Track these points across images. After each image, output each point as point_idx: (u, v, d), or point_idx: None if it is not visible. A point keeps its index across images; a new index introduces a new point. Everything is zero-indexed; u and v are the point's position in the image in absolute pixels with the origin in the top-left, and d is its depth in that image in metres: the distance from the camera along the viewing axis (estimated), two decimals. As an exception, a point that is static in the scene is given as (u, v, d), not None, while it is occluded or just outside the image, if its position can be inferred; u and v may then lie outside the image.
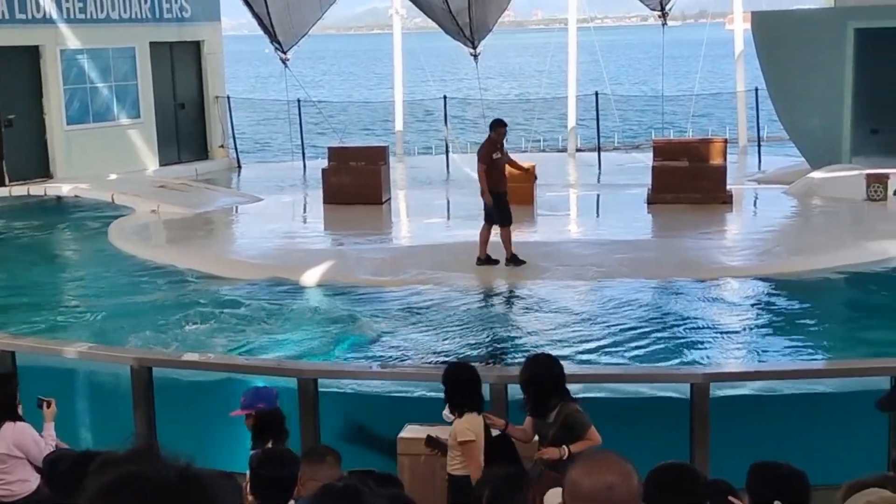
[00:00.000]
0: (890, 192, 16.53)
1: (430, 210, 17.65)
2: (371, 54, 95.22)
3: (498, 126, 13.01)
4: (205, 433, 7.73)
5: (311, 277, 12.98)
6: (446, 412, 6.18)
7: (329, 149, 19.17)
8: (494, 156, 12.86)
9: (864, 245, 13.65)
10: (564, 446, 5.69)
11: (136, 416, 7.75)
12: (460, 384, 6.07)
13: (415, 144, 28.29)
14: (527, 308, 11.75)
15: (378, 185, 17.68)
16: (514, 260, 12.76)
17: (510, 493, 3.92)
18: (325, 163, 18.60)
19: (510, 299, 12.07)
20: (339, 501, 2.50)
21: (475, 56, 23.62)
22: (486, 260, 12.87)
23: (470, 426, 5.95)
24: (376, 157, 18.14)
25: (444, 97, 24.93)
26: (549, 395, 5.88)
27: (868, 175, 16.74)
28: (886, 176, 16.65)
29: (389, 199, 18.12)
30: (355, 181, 17.61)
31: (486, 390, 7.38)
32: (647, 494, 2.73)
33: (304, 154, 24.19)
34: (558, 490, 4.64)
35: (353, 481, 2.69)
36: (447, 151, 24.11)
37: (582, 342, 10.45)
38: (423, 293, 12.22)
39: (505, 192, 12.99)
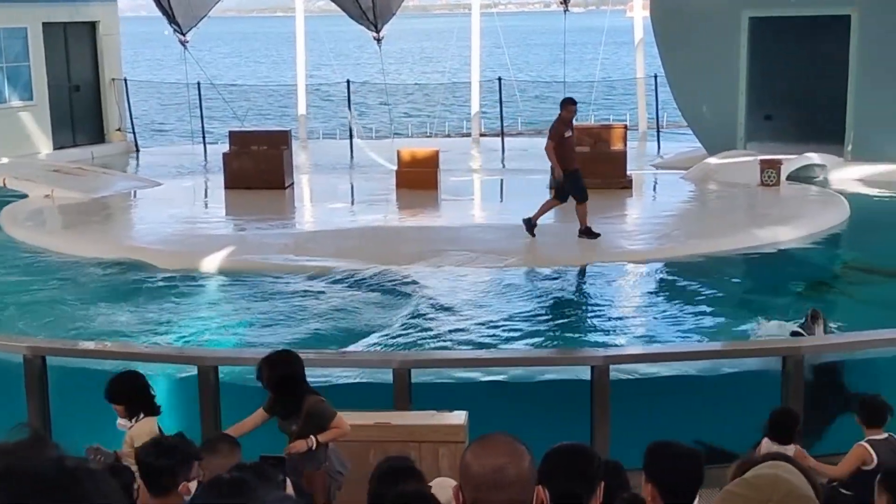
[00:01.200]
0: (783, 178, 17.02)
1: (334, 195, 17.55)
2: (274, 37, 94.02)
3: (569, 104, 13.16)
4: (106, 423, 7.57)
5: (211, 263, 12.79)
6: (122, 421, 5.81)
7: (230, 133, 18.88)
8: (566, 134, 13.06)
9: (758, 229, 14.04)
10: (312, 437, 5.63)
11: (29, 407, 7.55)
12: (135, 391, 5.79)
13: (319, 129, 28.07)
14: (431, 292, 11.76)
15: (280, 170, 17.50)
16: (587, 232, 13.04)
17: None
18: (226, 147, 18.34)
19: (414, 283, 12.06)
20: (222, 495, 2.47)
21: (378, 40, 23.51)
22: (532, 227, 13.18)
23: (149, 430, 5.64)
24: (279, 142, 17.95)
25: (348, 81, 24.79)
26: (293, 393, 5.73)
27: (762, 161, 17.19)
28: (779, 162, 17.13)
29: (292, 183, 17.95)
30: (257, 166, 17.41)
31: (389, 376, 7.41)
32: (543, 475, 2.75)
33: (204, 138, 23.80)
34: (444, 480, 4.68)
35: (240, 475, 2.66)
36: (351, 136, 24.00)
37: (485, 326, 10.52)
38: (328, 278, 12.15)
39: (577, 170, 13.21)
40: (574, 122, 13.56)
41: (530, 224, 13.26)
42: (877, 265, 13.17)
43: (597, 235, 13.14)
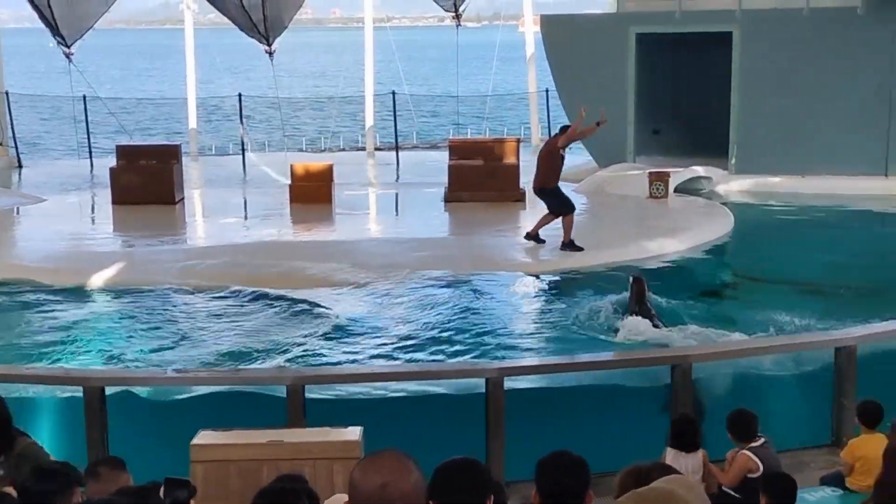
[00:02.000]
0: (671, 190, 17.43)
1: (226, 210, 17.29)
2: (163, 50, 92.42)
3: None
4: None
5: (99, 280, 12.47)
6: None
7: (118, 147, 18.49)
8: (562, 152, 13.66)
9: (647, 241, 14.34)
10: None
11: None
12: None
13: (210, 143, 27.68)
14: (326, 307, 11.66)
15: (171, 185, 17.18)
16: (570, 245, 13.43)
17: None
18: (113, 162, 17.92)
19: (309, 298, 11.93)
20: None
21: (270, 53, 23.30)
22: (535, 237, 13.71)
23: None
24: (168, 156, 17.64)
25: (240, 95, 24.50)
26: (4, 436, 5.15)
27: (650, 174, 17.59)
28: (667, 174, 17.54)
29: (183, 199, 17.63)
30: (146, 181, 17.07)
31: (283, 391, 7.31)
32: (433, 491, 2.75)
33: (90, 153, 23.23)
34: (338, 497, 4.63)
35: (119, 499, 2.59)
36: (243, 150, 23.71)
37: (380, 340, 10.48)
38: (220, 294, 11.96)
39: (558, 186, 13.79)
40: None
41: (532, 236, 13.75)
42: (762, 274, 13.59)
43: (580, 249, 13.42)
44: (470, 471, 2.88)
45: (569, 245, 13.50)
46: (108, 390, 7.42)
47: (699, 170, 18.70)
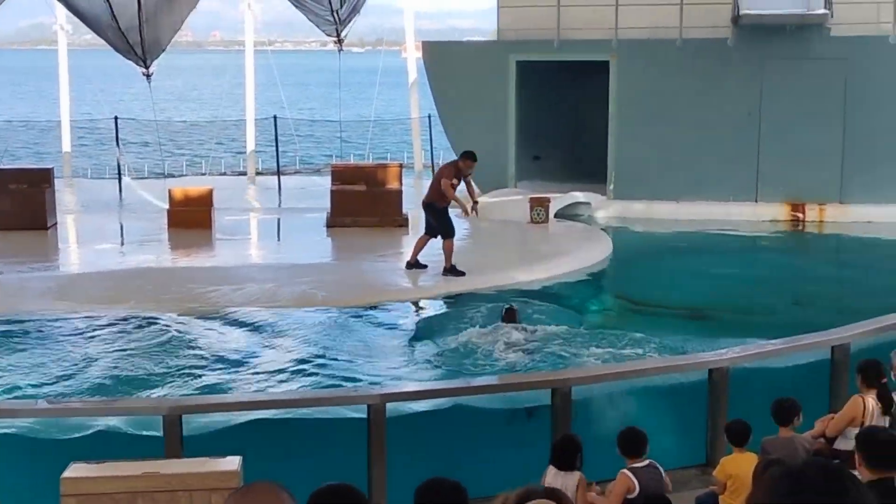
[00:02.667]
0: (551, 215, 17.70)
1: (102, 235, 16.82)
2: (36, 72, 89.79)
3: (468, 159, 13.67)
4: None
5: (-35, 310, 11.96)
6: None
7: (-15, 170, 17.82)
8: (454, 181, 13.47)
9: (528, 265, 14.51)
10: None
11: None
12: None
13: (85, 168, 26.94)
14: (205, 335, 11.43)
15: (42, 210, 16.66)
16: (452, 270, 13.50)
17: None
18: (-19, 186, 17.25)
19: (187, 325, 11.68)
20: None
21: (148, 76, 22.83)
22: (415, 264, 13.76)
23: None
24: (40, 180, 17.10)
25: (116, 118, 23.93)
26: None
27: (531, 199, 17.83)
28: (548, 200, 17.82)
29: (56, 224, 17.09)
30: (16, 205, 16.53)
31: (159, 422, 7.12)
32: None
33: (-43, 176, 22.31)
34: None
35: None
36: (119, 175, 23.15)
37: (261, 368, 10.33)
38: (93, 323, 11.61)
39: (447, 208, 13.82)
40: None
41: (412, 264, 13.75)
42: (640, 297, 13.89)
43: (461, 274, 13.40)
44: (345, 497, 2.84)
45: (450, 270, 13.56)
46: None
47: (579, 195, 19.04)
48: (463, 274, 13.53)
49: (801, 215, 18.57)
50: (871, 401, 7.00)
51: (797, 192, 18.59)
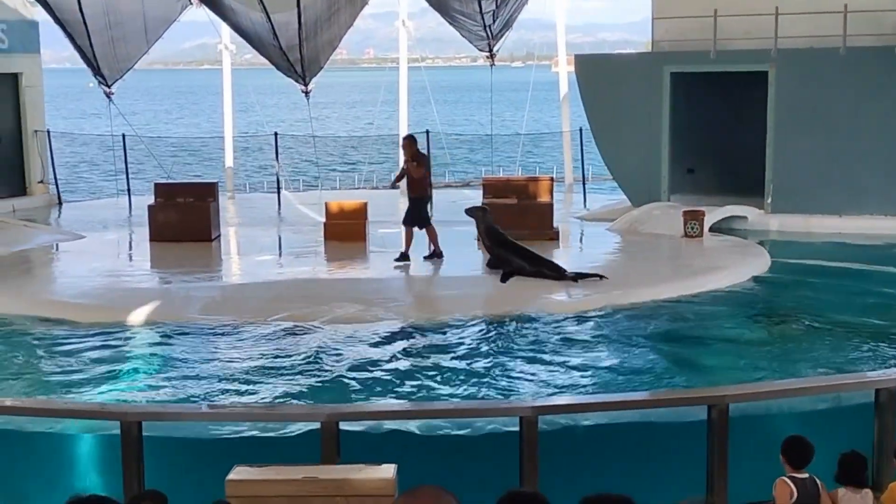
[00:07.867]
0: (705, 229, 17.35)
1: (262, 247, 17.40)
2: (202, 90, 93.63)
3: (404, 140, 15.94)
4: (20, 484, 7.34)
5: (135, 317, 12.56)
6: None
7: (155, 185, 18.69)
8: (403, 165, 15.53)
9: (682, 280, 14.26)
10: None
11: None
12: None
13: (246, 182, 27.93)
14: (361, 344, 11.66)
15: (207, 222, 17.34)
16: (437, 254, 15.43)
17: None
18: (151, 199, 18.11)
19: (342, 334, 11.94)
20: None
21: (307, 93, 23.53)
22: (402, 257, 15.31)
23: None
24: (205, 194, 17.81)
25: (276, 134, 24.74)
26: None
27: (685, 213, 17.52)
28: (702, 213, 17.47)
29: (219, 236, 17.78)
30: (183, 218, 17.24)
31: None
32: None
33: (129, 190, 23.50)
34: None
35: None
36: (278, 188, 23.90)
37: (416, 378, 10.46)
38: (255, 331, 12.01)
39: (419, 198, 15.64)
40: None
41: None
42: (800, 314, 13.42)
43: (442, 255, 15.14)
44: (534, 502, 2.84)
45: (435, 254, 15.28)
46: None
47: (734, 208, 18.61)
48: (440, 256, 15.29)
49: (973, 230, 17.64)
50: None
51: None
